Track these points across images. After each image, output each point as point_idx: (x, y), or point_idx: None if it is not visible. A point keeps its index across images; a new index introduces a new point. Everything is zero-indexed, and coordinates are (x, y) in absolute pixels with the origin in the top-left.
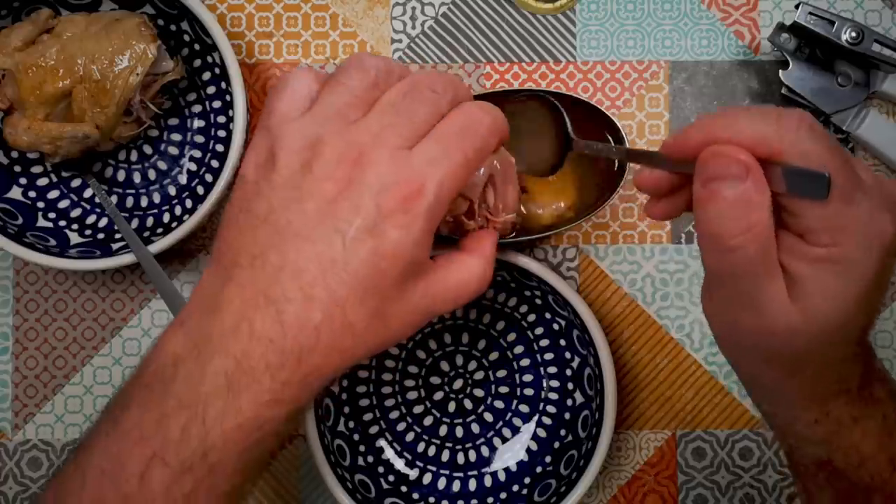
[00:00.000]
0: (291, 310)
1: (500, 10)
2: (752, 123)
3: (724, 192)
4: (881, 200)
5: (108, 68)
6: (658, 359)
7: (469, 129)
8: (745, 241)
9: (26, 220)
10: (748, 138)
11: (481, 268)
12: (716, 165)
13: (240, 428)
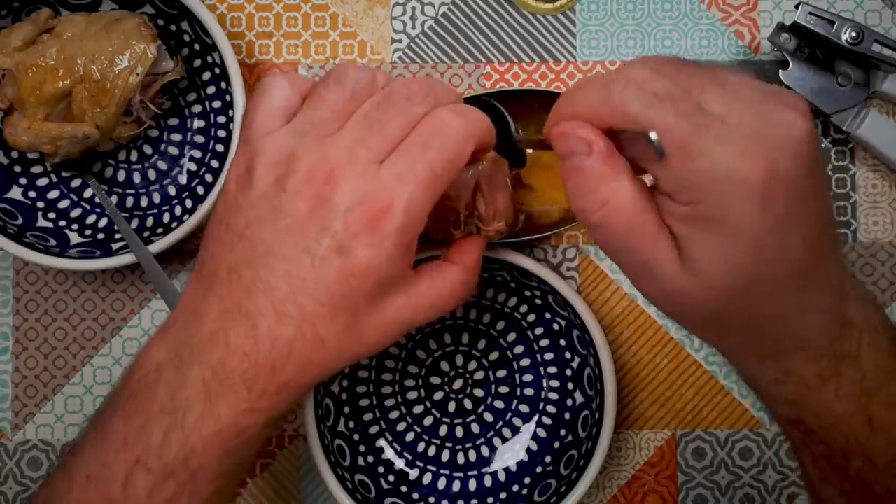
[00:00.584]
0: (264, 324)
1: (500, 10)
2: (586, 96)
3: (575, 167)
4: (743, 141)
5: (108, 68)
6: (658, 359)
7: (436, 139)
8: (606, 215)
9: (26, 220)
10: (585, 112)
11: (463, 278)
12: (559, 144)
13: (219, 434)
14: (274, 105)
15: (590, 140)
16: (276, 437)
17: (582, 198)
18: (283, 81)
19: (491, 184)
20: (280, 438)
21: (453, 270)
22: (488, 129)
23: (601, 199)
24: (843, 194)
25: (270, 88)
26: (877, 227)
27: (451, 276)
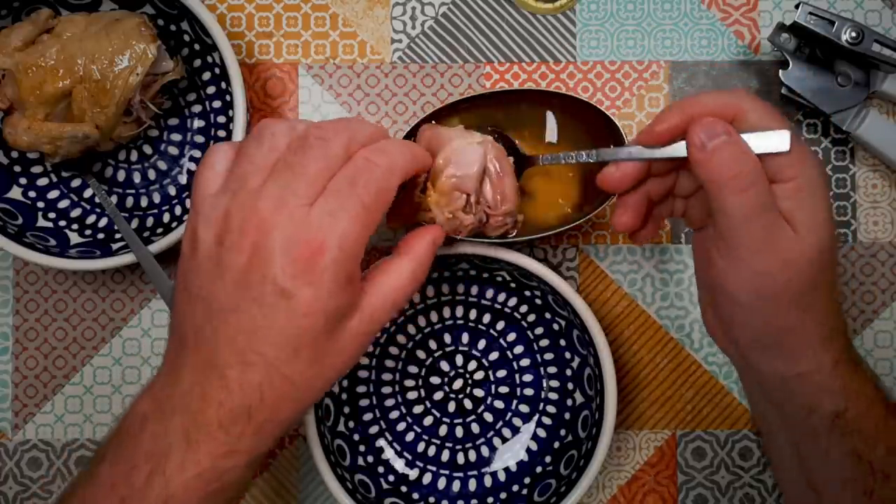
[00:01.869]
0: (233, 375)
1: (500, 10)
2: (714, 97)
3: (722, 142)
4: None
5: (108, 68)
6: (658, 359)
7: (361, 176)
8: (757, 176)
9: (26, 220)
10: (715, 108)
11: (410, 269)
12: (704, 128)
13: (199, 477)
14: (214, 169)
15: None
16: None
17: (736, 162)
18: (224, 147)
19: (498, 169)
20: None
21: (400, 265)
22: (412, 159)
23: (753, 162)
24: (843, 194)
25: (212, 154)
26: (877, 227)
27: (398, 273)
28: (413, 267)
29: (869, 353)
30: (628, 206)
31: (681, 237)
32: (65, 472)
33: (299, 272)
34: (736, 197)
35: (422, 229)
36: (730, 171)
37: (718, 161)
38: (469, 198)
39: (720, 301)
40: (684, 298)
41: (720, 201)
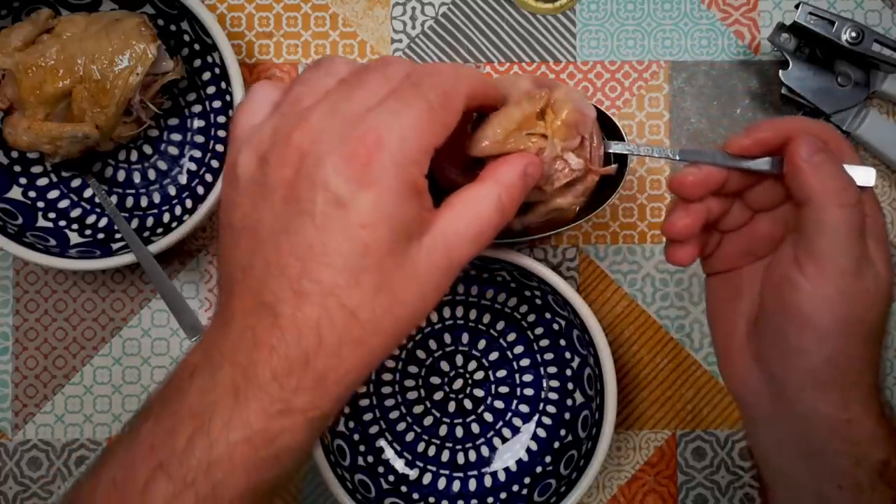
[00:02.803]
0: (286, 311)
1: (500, 10)
2: (806, 122)
3: (828, 157)
4: None
5: (108, 68)
6: (658, 359)
7: (426, 78)
8: (860, 196)
9: (26, 220)
10: (812, 128)
11: (494, 194)
12: (811, 140)
13: (247, 441)
14: (256, 103)
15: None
16: None
17: (842, 176)
18: (266, 83)
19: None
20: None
21: (482, 189)
22: (483, 82)
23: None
24: None
25: (255, 90)
26: None
27: (481, 196)
28: (499, 193)
29: None
30: (690, 210)
31: None
32: (65, 472)
33: (354, 174)
34: (841, 210)
35: (514, 155)
36: (838, 183)
37: (826, 173)
38: (583, 140)
39: (785, 327)
40: (684, 298)
41: (822, 214)
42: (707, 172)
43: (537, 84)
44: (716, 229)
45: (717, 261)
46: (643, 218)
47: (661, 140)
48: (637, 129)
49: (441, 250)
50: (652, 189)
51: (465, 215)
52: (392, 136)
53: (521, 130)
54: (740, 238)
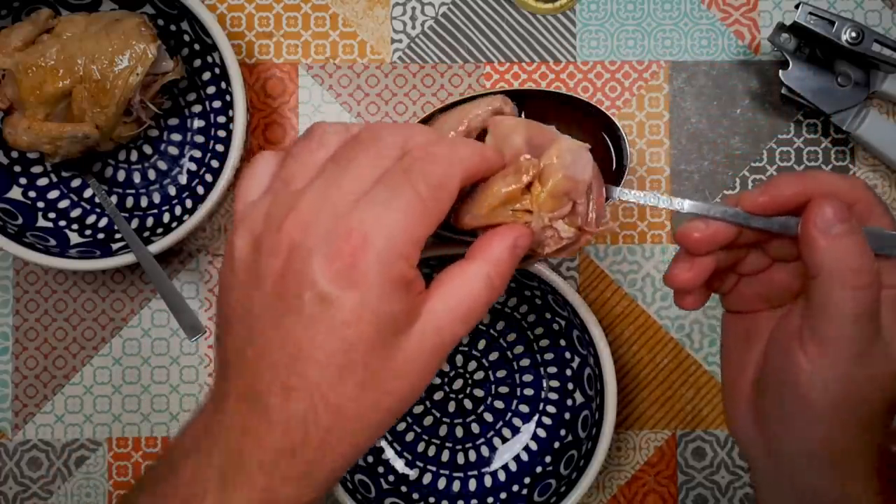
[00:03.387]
0: (275, 403)
1: (500, 10)
2: (835, 180)
3: (847, 230)
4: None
5: (108, 68)
6: (658, 359)
7: (417, 165)
8: (876, 277)
9: (26, 220)
10: (836, 191)
11: (483, 274)
12: (830, 209)
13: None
14: (256, 176)
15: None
16: None
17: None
18: (269, 153)
19: (598, 178)
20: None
21: (470, 270)
22: (480, 157)
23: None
24: None
25: (255, 161)
26: None
27: (471, 275)
28: (488, 271)
29: None
30: (695, 264)
31: None
32: (65, 472)
33: (340, 272)
34: (851, 293)
35: (502, 228)
36: (852, 263)
37: (841, 249)
38: (576, 206)
39: (784, 396)
40: None
41: (830, 295)
42: (716, 229)
43: (531, 141)
44: (732, 271)
45: (734, 301)
46: (643, 218)
47: (661, 140)
48: (637, 129)
49: (431, 334)
50: (652, 189)
51: (454, 296)
52: (378, 235)
53: (505, 206)
54: (757, 283)
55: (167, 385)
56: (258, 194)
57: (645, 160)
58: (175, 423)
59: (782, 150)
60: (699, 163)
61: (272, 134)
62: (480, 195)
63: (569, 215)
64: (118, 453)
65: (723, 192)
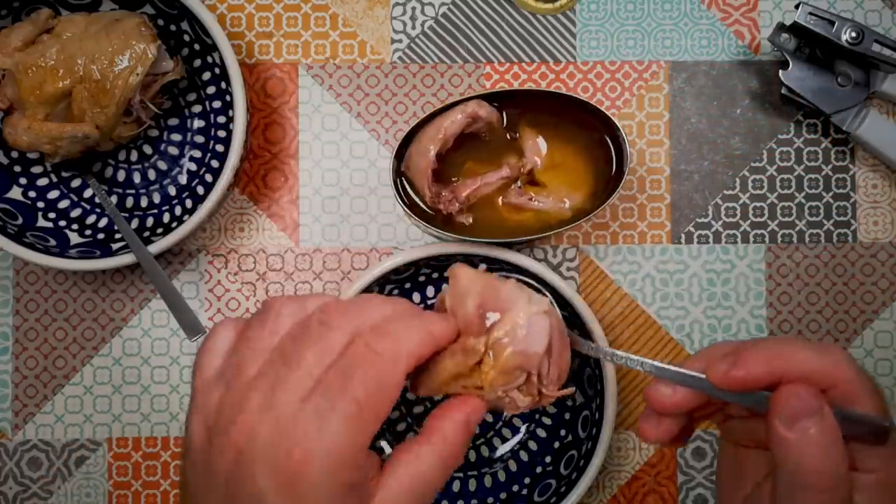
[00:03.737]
0: None
1: (500, 10)
2: (811, 357)
3: (813, 426)
4: None
5: (108, 68)
6: (658, 359)
7: (357, 368)
8: (841, 480)
9: (26, 220)
10: (810, 371)
11: (436, 456)
12: (796, 401)
13: None
14: (214, 351)
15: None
16: None
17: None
18: (227, 325)
19: (559, 342)
20: None
21: (423, 452)
22: (429, 340)
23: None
24: (843, 194)
25: (213, 335)
26: (877, 227)
27: (422, 461)
28: (440, 453)
29: (869, 353)
30: (663, 423)
31: (681, 237)
32: (65, 472)
33: (284, 486)
34: (812, 494)
35: (455, 403)
36: (814, 465)
37: (804, 448)
38: (530, 376)
39: None
40: (684, 298)
41: (792, 491)
42: (684, 396)
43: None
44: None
45: (727, 431)
46: (643, 218)
47: (661, 140)
48: (637, 129)
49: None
50: (652, 189)
51: (404, 481)
52: (320, 447)
53: (456, 381)
54: (742, 425)
55: (167, 385)
56: (215, 370)
57: (645, 160)
58: (175, 423)
59: (782, 150)
60: (699, 163)
61: (272, 134)
62: (433, 368)
63: (525, 384)
64: (118, 453)
65: (723, 191)
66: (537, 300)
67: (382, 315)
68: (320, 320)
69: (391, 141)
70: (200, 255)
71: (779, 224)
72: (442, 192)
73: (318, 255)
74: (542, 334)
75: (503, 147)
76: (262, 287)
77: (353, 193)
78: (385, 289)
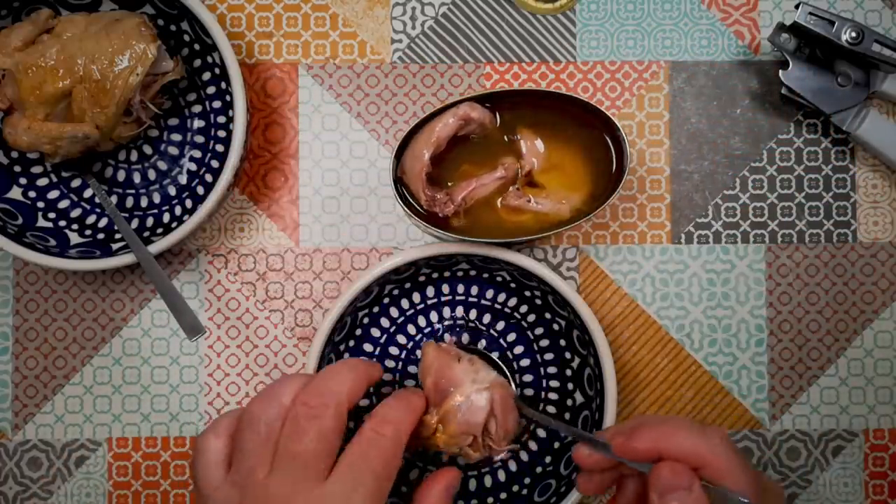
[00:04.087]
0: None
1: (500, 10)
2: (690, 438)
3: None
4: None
5: (108, 68)
6: (658, 359)
7: (371, 450)
8: None
9: (26, 220)
10: (687, 451)
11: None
12: (667, 478)
13: None
14: (210, 461)
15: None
16: None
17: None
18: (209, 437)
19: (502, 408)
20: None
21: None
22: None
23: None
24: (843, 194)
25: (201, 449)
26: (877, 227)
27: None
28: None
29: (869, 353)
30: (594, 478)
31: (681, 237)
32: (65, 472)
33: None
34: None
35: (435, 477)
36: None
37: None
38: (476, 438)
39: None
40: (684, 298)
41: None
42: (597, 460)
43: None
44: None
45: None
46: (643, 218)
47: (661, 140)
48: (637, 129)
49: None
50: (652, 189)
51: None
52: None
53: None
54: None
55: (167, 385)
56: (218, 479)
57: (645, 160)
58: (175, 422)
59: (782, 150)
60: (699, 163)
61: (272, 134)
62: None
63: (473, 444)
64: (118, 453)
65: (723, 191)
66: (482, 378)
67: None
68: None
69: (391, 141)
70: (200, 255)
71: (779, 224)
72: (437, 195)
73: (318, 255)
74: (482, 408)
75: (499, 148)
76: (263, 287)
77: (353, 193)
78: (385, 289)
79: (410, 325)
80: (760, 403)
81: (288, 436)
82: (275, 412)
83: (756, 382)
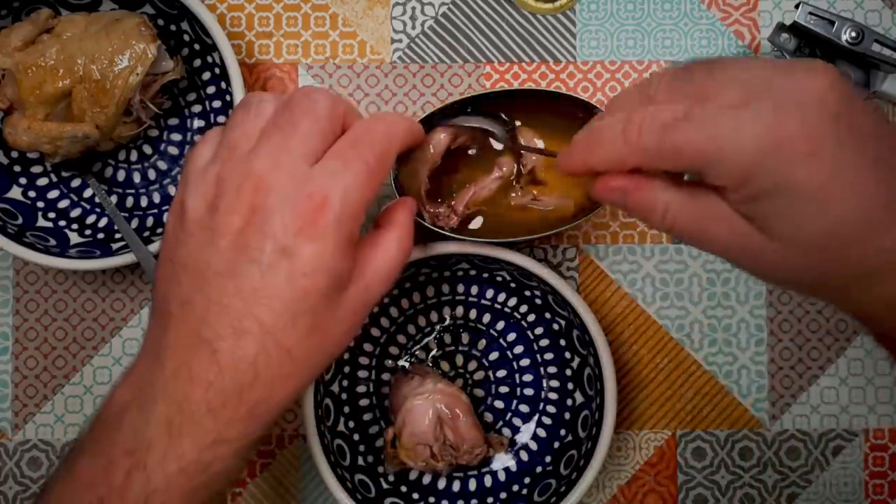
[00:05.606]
0: (225, 347)
1: (500, 10)
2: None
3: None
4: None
5: (108, 68)
6: (658, 359)
7: (363, 138)
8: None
9: (26, 220)
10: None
11: (396, 238)
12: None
13: (182, 472)
14: (206, 145)
15: (620, 187)
16: (276, 437)
17: (647, 221)
18: (217, 129)
19: (454, 416)
20: (280, 438)
21: (386, 235)
22: (408, 130)
23: (660, 215)
24: None
25: (205, 136)
26: None
27: (387, 243)
28: (399, 235)
29: (869, 353)
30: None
31: None
32: None
33: (302, 228)
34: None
35: (399, 202)
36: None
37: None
38: (432, 448)
39: None
40: (684, 298)
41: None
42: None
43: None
44: None
45: None
46: None
47: None
48: None
49: (363, 293)
50: None
51: (377, 259)
52: (336, 196)
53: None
54: None
55: None
56: (206, 159)
57: None
58: None
59: None
60: None
61: None
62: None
63: (433, 455)
64: None
65: None
66: (425, 389)
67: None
68: (302, 94)
69: None
70: None
71: None
72: (439, 210)
73: None
74: (423, 415)
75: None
76: None
77: None
78: None
79: (410, 324)
80: (760, 403)
81: (280, 112)
82: (271, 97)
83: (756, 382)
